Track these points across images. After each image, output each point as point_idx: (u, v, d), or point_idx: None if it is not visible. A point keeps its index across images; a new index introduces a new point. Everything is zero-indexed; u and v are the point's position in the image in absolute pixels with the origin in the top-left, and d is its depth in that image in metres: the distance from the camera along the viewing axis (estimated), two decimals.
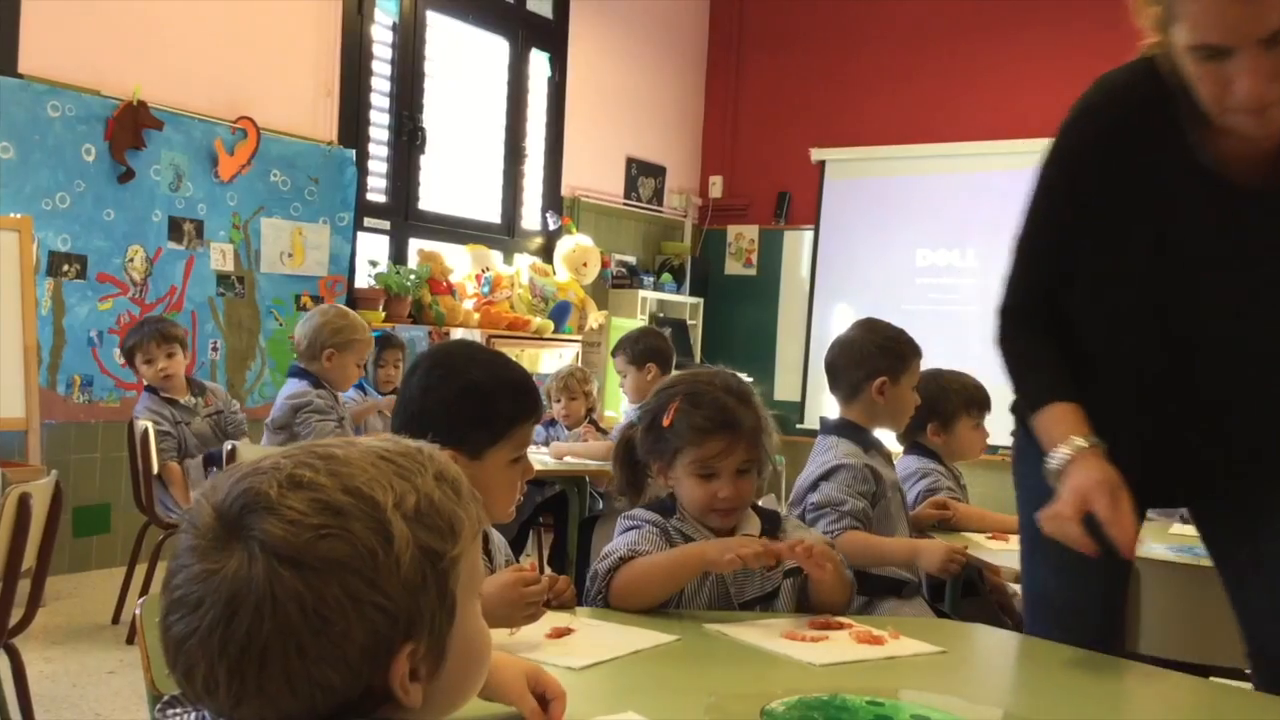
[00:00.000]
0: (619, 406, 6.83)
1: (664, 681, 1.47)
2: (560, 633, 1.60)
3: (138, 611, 1.31)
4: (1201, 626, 2.21)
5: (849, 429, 2.64)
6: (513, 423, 1.64)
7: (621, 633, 1.65)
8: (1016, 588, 2.45)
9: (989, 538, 2.78)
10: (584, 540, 4.02)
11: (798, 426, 8.29)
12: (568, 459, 4.04)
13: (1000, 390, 3.21)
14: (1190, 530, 3.17)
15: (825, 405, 8.18)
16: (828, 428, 2.69)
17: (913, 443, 3.10)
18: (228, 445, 3.57)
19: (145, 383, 4.37)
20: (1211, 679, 2.77)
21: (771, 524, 1.93)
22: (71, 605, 4.48)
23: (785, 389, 8.41)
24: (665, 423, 1.85)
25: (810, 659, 1.54)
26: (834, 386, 2.73)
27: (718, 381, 1.90)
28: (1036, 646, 1.78)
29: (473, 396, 1.63)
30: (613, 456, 1.97)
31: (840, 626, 1.73)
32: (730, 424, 1.84)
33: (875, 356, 2.64)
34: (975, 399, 3.02)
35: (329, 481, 0.81)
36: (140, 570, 4.19)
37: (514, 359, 1.75)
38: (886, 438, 2.83)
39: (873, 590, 2.55)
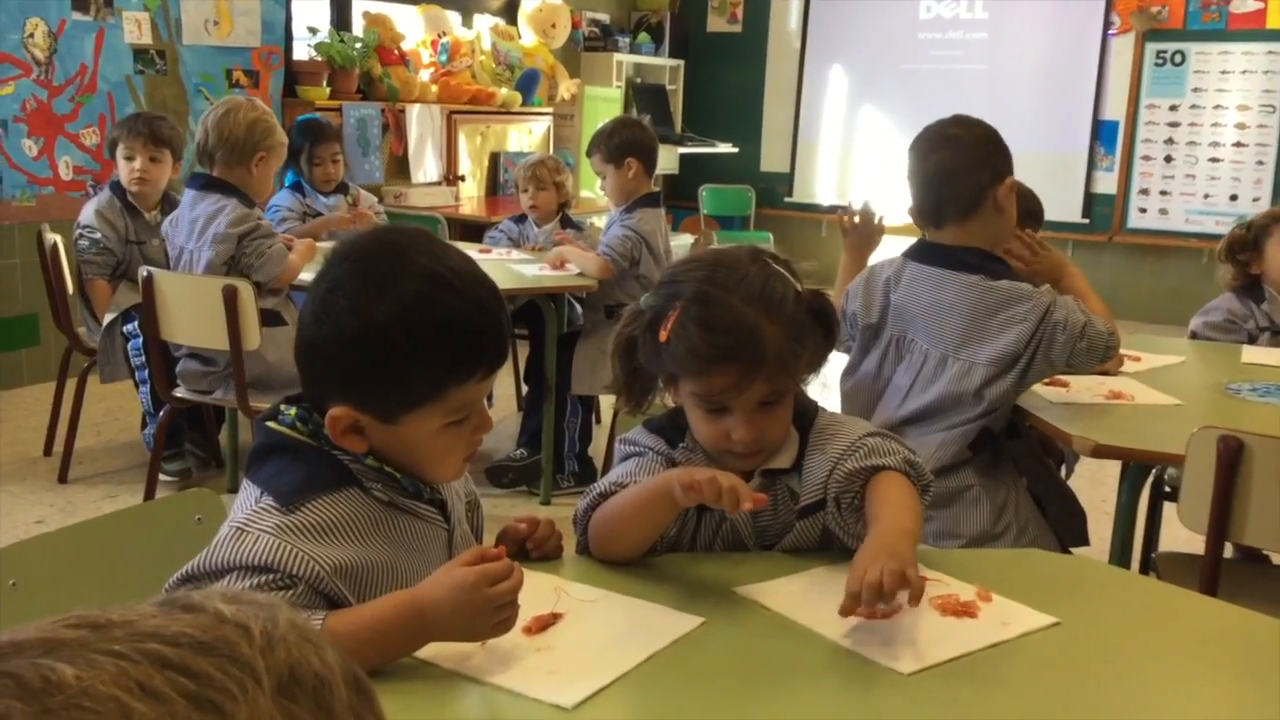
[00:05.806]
0: (594, 186, 6.25)
1: (695, 712, 1.06)
2: (543, 624, 1.18)
3: None
4: None
5: (993, 262, 2.05)
6: (439, 386, 1.11)
7: (626, 616, 1.23)
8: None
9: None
10: (564, 360, 3.58)
11: (786, 200, 7.77)
12: (544, 270, 3.55)
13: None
14: (1274, 357, 2.66)
15: (819, 177, 7.65)
16: (961, 263, 2.03)
17: None
18: (143, 272, 3.03)
19: (116, 179, 3.62)
20: None
21: (805, 422, 1.46)
22: None
23: (773, 159, 7.82)
24: (662, 337, 1.33)
25: (893, 664, 1.13)
26: (947, 201, 2.05)
27: (735, 285, 1.32)
28: (1156, 591, 1.38)
29: (375, 344, 1.09)
30: (611, 351, 1.46)
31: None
32: (741, 353, 1.30)
33: (994, 154, 2.04)
34: (1032, 210, 2.50)
35: None
36: (70, 393, 3.72)
37: (473, 279, 1.12)
38: None
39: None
